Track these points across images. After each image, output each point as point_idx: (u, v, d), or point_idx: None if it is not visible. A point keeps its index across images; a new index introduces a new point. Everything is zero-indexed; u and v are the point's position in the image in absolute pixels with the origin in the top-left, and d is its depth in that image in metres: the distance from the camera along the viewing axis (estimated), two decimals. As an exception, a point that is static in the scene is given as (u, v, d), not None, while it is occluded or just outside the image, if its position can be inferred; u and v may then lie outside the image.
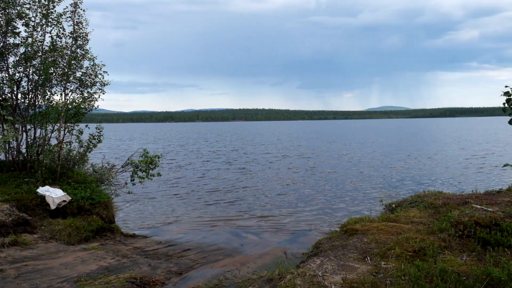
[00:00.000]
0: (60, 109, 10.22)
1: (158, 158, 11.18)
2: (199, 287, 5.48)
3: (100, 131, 10.56)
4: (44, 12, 10.26)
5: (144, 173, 10.88)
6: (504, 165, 8.16)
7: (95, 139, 10.52)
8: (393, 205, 8.82)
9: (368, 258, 5.37)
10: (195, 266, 7.41)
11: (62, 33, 10.56)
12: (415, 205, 8.09)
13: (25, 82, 10.52)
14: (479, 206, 7.00)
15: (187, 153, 35.74)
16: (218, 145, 46.17)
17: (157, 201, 14.79)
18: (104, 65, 10.96)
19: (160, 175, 11.39)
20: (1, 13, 9.99)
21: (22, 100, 10.61)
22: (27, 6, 10.17)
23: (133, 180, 10.89)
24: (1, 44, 10.21)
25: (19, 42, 10.33)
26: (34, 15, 10.26)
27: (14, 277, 5.70)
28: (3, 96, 10.37)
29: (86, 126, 10.93)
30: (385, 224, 6.73)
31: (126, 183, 11.22)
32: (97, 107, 11.23)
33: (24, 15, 10.12)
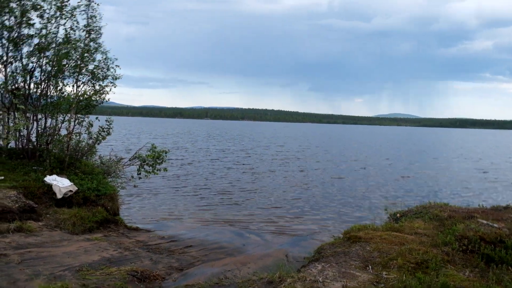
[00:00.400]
0: (71, 100, 10.32)
1: (166, 153, 11.22)
2: (199, 285, 5.48)
3: (110, 124, 10.63)
4: (58, 4, 10.35)
5: (150, 168, 10.93)
6: (513, 181, 8.03)
7: (104, 131, 10.61)
8: (398, 215, 8.75)
9: (370, 267, 5.34)
10: (196, 263, 7.42)
11: (76, 26, 10.64)
12: (420, 216, 8.01)
13: (38, 72, 10.64)
14: (485, 221, 6.90)
15: (195, 150, 35.83)
16: (228, 144, 46.24)
17: (162, 196, 14.85)
18: (116, 59, 11.04)
19: (166, 170, 11.43)
20: (17, 4, 10.11)
21: (35, 90, 10.72)
22: None
23: (140, 174, 10.95)
24: (16, 34, 10.33)
25: (33, 33, 10.44)
26: (48, 7, 10.36)
27: (18, 263, 5.77)
28: (16, 85, 10.50)
29: (96, 118, 11.02)
30: (388, 233, 6.67)
31: (132, 177, 11.29)
32: (108, 100, 11.30)
33: (39, 6, 10.22)
